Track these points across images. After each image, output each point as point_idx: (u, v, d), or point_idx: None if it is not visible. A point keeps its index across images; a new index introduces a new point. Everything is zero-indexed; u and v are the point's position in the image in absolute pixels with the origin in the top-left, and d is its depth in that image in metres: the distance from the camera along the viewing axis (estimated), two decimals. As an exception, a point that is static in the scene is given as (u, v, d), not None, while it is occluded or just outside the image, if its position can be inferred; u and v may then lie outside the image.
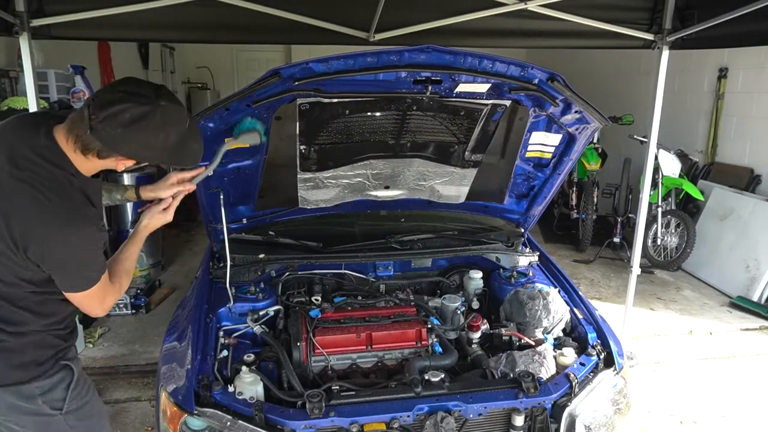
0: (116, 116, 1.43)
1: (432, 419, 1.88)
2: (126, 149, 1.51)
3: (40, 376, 1.66)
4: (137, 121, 1.45)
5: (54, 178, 1.50)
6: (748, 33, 3.12)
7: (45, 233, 1.48)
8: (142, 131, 1.47)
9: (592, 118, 2.31)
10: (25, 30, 2.81)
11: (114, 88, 1.51)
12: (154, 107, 1.46)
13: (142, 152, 1.53)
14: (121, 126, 1.44)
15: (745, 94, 5.86)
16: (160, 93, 1.50)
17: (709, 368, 3.99)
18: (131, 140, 1.48)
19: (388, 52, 1.89)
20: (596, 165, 6.42)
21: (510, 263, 2.92)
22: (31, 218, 1.47)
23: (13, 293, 1.58)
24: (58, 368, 1.70)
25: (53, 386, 1.69)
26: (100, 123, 1.43)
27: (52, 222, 1.48)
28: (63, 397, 1.71)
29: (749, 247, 5.28)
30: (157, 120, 1.47)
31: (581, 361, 2.18)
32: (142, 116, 1.45)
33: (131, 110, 1.44)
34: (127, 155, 1.53)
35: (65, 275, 1.57)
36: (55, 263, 1.54)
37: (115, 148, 1.50)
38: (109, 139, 1.46)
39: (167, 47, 8.65)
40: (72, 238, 1.51)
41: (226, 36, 3.34)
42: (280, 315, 2.46)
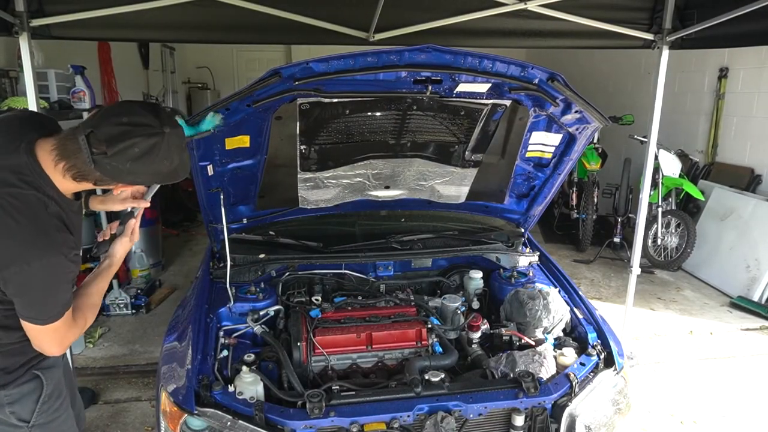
0: (125, 152, 1.39)
1: (432, 419, 1.88)
2: (131, 179, 1.49)
3: (8, 385, 1.61)
4: (147, 155, 1.42)
5: (27, 200, 1.42)
6: (748, 33, 3.12)
7: (7, 256, 1.40)
8: (151, 163, 1.44)
9: (592, 118, 2.31)
10: (25, 30, 2.81)
11: (114, 119, 1.42)
12: (161, 137, 1.43)
13: (146, 180, 1.53)
14: (131, 160, 1.41)
15: (745, 94, 5.86)
16: (161, 118, 1.45)
17: (709, 368, 3.99)
18: (139, 172, 1.45)
19: (388, 52, 1.89)
20: (596, 165, 6.42)
21: (510, 263, 2.92)
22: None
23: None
24: (28, 377, 1.65)
25: (22, 396, 1.64)
26: (107, 158, 1.39)
27: (15, 246, 1.40)
28: (32, 410, 1.66)
29: (749, 247, 5.28)
30: (164, 149, 1.44)
31: (581, 361, 2.18)
32: (150, 149, 1.42)
33: (140, 144, 1.40)
34: (131, 183, 1.53)
35: (23, 303, 1.47)
36: (15, 289, 1.44)
37: (120, 179, 1.47)
38: (115, 172, 1.43)
39: (167, 47, 8.65)
40: (35, 265, 1.41)
41: (226, 36, 3.33)
42: (281, 315, 2.46)
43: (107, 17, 2.93)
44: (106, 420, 3.24)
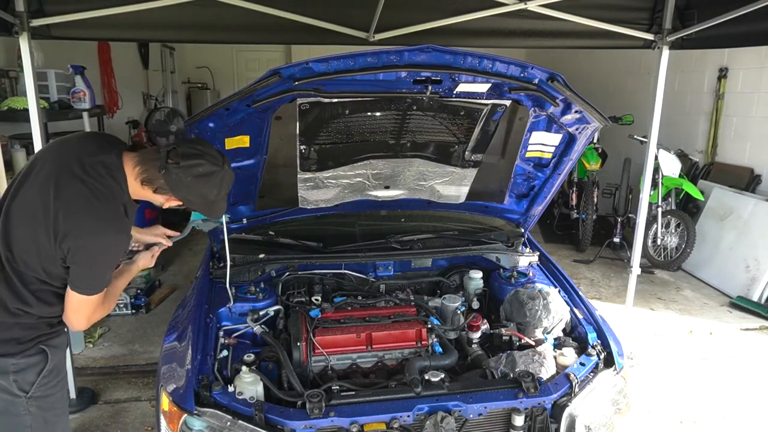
0: (192, 168, 1.74)
1: (432, 419, 1.88)
2: (185, 194, 1.79)
3: (17, 354, 1.76)
4: (205, 177, 1.77)
5: (109, 187, 1.73)
6: (748, 33, 3.12)
7: (85, 228, 1.67)
8: (204, 185, 1.79)
9: (592, 118, 2.31)
10: (25, 30, 2.80)
11: (195, 145, 1.81)
12: (220, 169, 1.80)
13: (194, 199, 1.83)
14: (192, 176, 1.75)
15: (745, 94, 5.86)
16: (224, 159, 1.83)
17: (709, 368, 3.99)
18: (194, 189, 1.78)
19: (388, 52, 1.89)
20: (596, 165, 6.42)
21: (510, 263, 2.92)
22: (78, 213, 1.67)
23: (28, 276, 1.72)
24: (35, 351, 1.79)
25: (28, 367, 1.78)
26: (178, 169, 1.73)
27: (94, 221, 1.68)
28: (32, 381, 1.80)
29: (749, 247, 5.28)
30: (218, 180, 1.80)
31: (581, 361, 2.18)
32: (210, 174, 1.77)
33: (204, 167, 1.76)
34: (181, 198, 1.81)
35: (81, 272, 1.73)
36: (80, 257, 1.69)
37: (176, 190, 1.78)
38: (177, 182, 1.75)
39: (167, 47, 8.64)
40: (106, 239, 1.71)
41: (226, 36, 3.33)
42: (280, 315, 2.46)
43: (107, 17, 2.92)
44: (106, 420, 3.24)
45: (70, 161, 1.72)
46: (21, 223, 1.70)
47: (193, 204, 1.86)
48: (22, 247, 1.71)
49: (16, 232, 1.70)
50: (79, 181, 1.69)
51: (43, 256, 1.70)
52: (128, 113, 6.87)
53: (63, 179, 1.69)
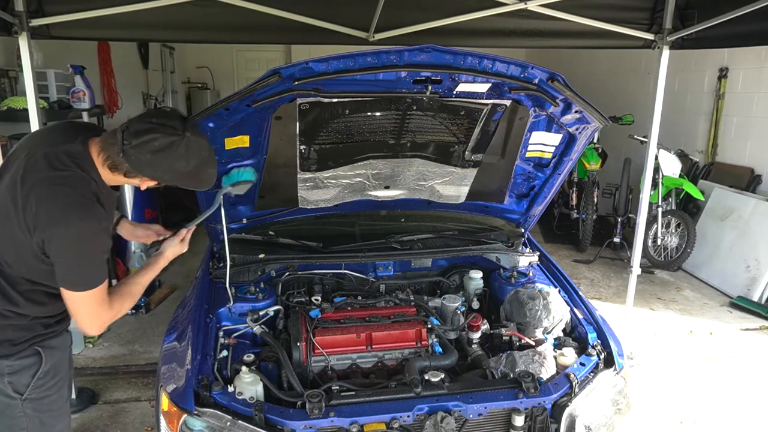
0: (147, 144, 1.64)
1: (432, 419, 1.88)
2: (151, 172, 1.70)
3: (11, 356, 1.73)
4: (164, 150, 1.65)
5: (76, 177, 1.65)
6: (748, 33, 3.12)
7: (52, 218, 1.60)
8: (167, 158, 1.67)
9: (592, 117, 2.31)
10: (25, 30, 2.80)
11: (146, 118, 1.71)
12: (180, 138, 1.67)
13: (164, 176, 1.72)
14: (150, 152, 1.64)
15: (745, 94, 5.86)
16: (186, 125, 1.71)
17: (709, 368, 3.99)
18: (157, 165, 1.68)
19: (388, 52, 1.89)
20: (596, 165, 6.42)
21: (510, 263, 2.92)
22: (43, 204, 1.60)
23: (14, 277, 1.70)
24: (30, 352, 1.77)
25: (22, 369, 1.76)
26: (132, 149, 1.64)
27: (59, 210, 1.61)
28: (27, 383, 1.77)
29: (749, 247, 5.28)
30: (182, 150, 1.67)
31: (581, 361, 2.18)
32: (168, 145, 1.65)
33: (160, 140, 1.64)
34: (150, 177, 1.72)
35: (62, 266, 1.66)
36: (55, 249, 1.63)
37: (141, 170, 1.69)
38: (138, 162, 1.66)
39: (167, 47, 8.65)
40: (76, 227, 1.62)
41: (226, 36, 3.33)
42: (280, 315, 2.46)
43: (107, 17, 2.92)
44: (106, 420, 3.24)
45: (36, 153, 1.68)
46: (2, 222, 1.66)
47: (167, 180, 1.75)
48: (2, 247, 1.68)
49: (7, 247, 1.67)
50: (44, 172, 1.64)
51: (23, 253, 1.66)
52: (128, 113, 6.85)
53: (29, 172, 1.65)
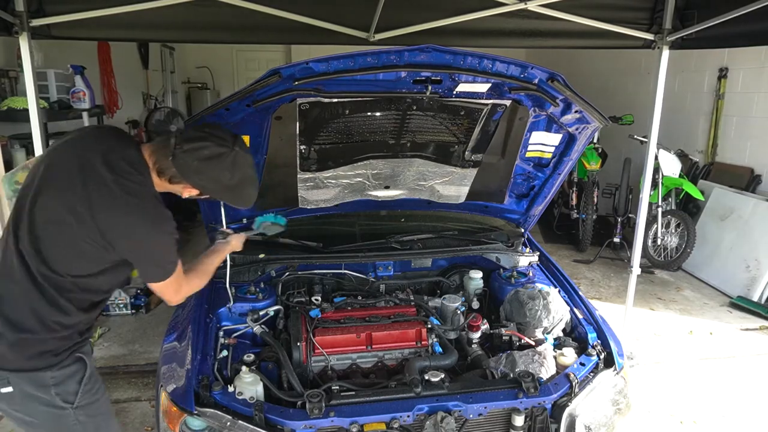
0: (197, 150, 1.69)
1: (432, 419, 1.88)
2: (196, 180, 1.74)
3: (54, 366, 1.70)
4: (212, 159, 1.71)
5: (142, 183, 1.70)
6: (749, 33, 3.12)
7: (132, 226, 1.66)
8: (213, 168, 1.72)
9: (592, 117, 2.31)
10: (25, 30, 2.80)
11: (201, 128, 1.79)
12: (229, 150, 1.73)
13: (208, 185, 1.76)
14: (198, 159, 1.70)
15: (745, 94, 5.86)
16: (236, 141, 1.77)
17: (709, 368, 3.99)
18: (203, 173, 1.72)
19: (388, 52, 1.89)
20: (596, 165, 6.42)
21: (510, 263, 2.92)
22: (119, 213, 1.64)
23: (66, 284, 1.67)
24: (72, 360, 1.75)
25: (66, 378, 1.73)
26: (183, 153, 1.68)
27: (141, 219, 1.67)
28: (75, 391, 1.75)
29: (749, 247, 5.28)
30: (228, 162, 1.73)
31: (581, 361, 2.18)
32: (217, 155, 1.71)
33: (210, 148, 1.71)
34: (194, 185, 1.76)
35: (147, 266, 1.75)
36: (140, 255, 1.72)
37: (187, 176, 1.72)
38: (185, 168, 1.70)
39: (167, 47, 8.64)
40: (156, 233, 1.70)
41: (226, 36, 3.33)
42: (280, 315, 2.46)
43: (107, 17, 2.92)
44: (106, 420, 3.24)
45: (93, 160, 1.65)
46: (53, 232, 1.64)
47: (210, 190, 1.79)
48: (58, 256, 1.65)
49: (48, 242, 1.64)
50: (110, 180, 1.63)
51: (85, 262, 1.67)
52: (128, 113, 6.87)
53: (91, 181, 1.63)
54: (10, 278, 1.66)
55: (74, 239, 1.63)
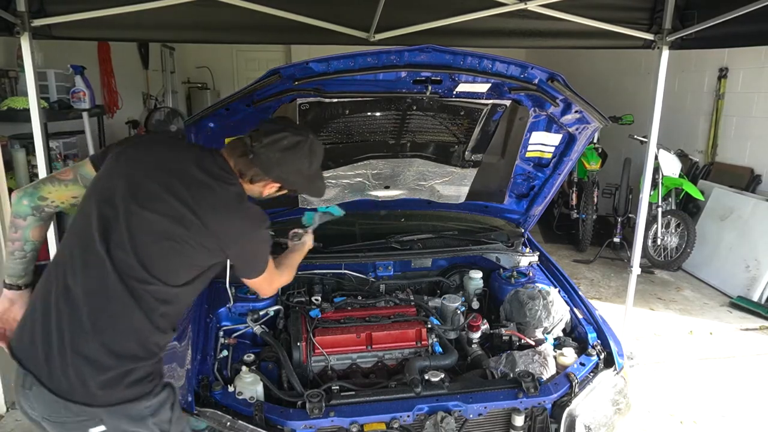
0: (277, 142, 1.68)
1: (432, 419, 1.88)
2: (278, 172, 1.72)
3: (149, 393, 1.57)
4: (292, 148, 1.70)
5: (237, 184, 1.69)
6: (748, 33, 3.12)
7: (242, 229, 1.66)
8: (294, 157, 1.71)
9: (592, 117, 2.31)
10: (26, 30, 2.80)
11: (274, 122, 1.82)
12: (305, 138, 1.73)
13: (290, 176, 1.75)
14: (279, 150, 1.68)
15: (745, 94, 5.86)
16: (308, 129, 1.78)
17: (709, 368, 3.99)
18: (284, 164, 1.71)
19: (388, 52, 1.90)
20: (596, 165, 6.42)
21: (510, 263, 2.92)
22: (233, 217, 1.64)
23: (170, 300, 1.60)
24: (162, 385, 1.63)
25: (160, 406, 1.61)
26: (263, 148, 1.67)
27: (247, 222, 1.68)
28: (169, 419, 1.63)
29: (749, 247, 5.28)
30: (306, 149, 1.73)
31: (581, 361, 2.18)
32: (296, 144, 1.70)
33: (289, 138, 1.69)
34: (277, 178, 1.74)
35: (248, 265, 1.78)
36: (245, 256, 1.74)
37: (270, 171, 1.70)
38: (267, 162, 1.68)
39: (167, 47, 8.64)
40: (259, 233, 1.72)
41: (226, 36, 3.33)
42: (280, 315, 2.46)
43: (107, 17, 2.92)
44: (106, 420, 3.24)
45: (187, 167, 1.61)
46: (162, 243, 1.56)
47: (291, 182, 1.78)
48: (169, 267, 1.58)
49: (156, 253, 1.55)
50: (215, 186, 1.62)
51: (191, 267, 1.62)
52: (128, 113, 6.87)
53: (195, 188, 1.59)
54: (105, 296, 1.52)
55: (184, 247, 1.57)
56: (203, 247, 1.60)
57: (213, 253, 1.64)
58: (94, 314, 1.50)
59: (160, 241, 1.56)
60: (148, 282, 1.54)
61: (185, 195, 1.58)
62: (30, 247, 1.73)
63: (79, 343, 1.48)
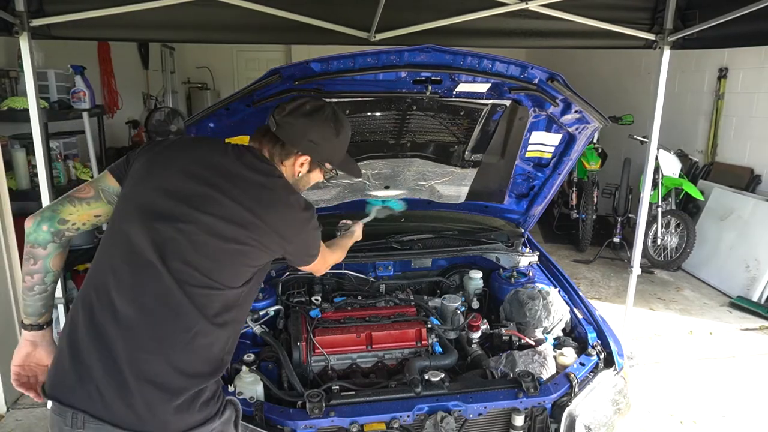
0: (298, 108, 1.65)
1: (432, 419, 1.88)
2: (305, 143, 1.65)
3: (216, 414, 1.48)
4: (315, 112, 1.65)
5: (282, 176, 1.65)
6: (749, 33, 3.12)
7: (301, 221, 1.64)
8: (319, 120, 1.65)
9: (592, 117, 2.31)
10: (25, 30, 2.80)
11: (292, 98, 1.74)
12: (327, 104, 1.70)
13: (319, 144, 1.67)
14: (302, 116, 1.64)
15: (745, 94, 5.86)
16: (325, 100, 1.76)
17: (709, 368, 3.99)
18: (310, 131, 1.65)
19: (388, 52, 1.90)
20: (596, 165, 6.42)
21: (510, 263, 2.92)
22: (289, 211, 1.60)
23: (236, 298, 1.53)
24: (225, 403, 1.54)
25: (225, 425, 1.51)
26: (285, 117, 1.63)
27: (303, 212, 1.64)
28: None
29: (749, 247, 5.28)
30: (330, 112, 1.68)
31: (581, 361, 2.18)
32: (318, 108, 1.67)
33: (310, 103, 1.67)
34: (305, 149, 1.67)
35: (305, 253, 1.74)
36: (303, 244, 1.70)
37: (297, 143, 1.65)
38: (293, 133, 1.64)
39: (167, 47, 8.64)
40: (314, 222, 1.69)
41: (226, 36, 3.33)
42: (280, 315, 2.46)
43: (107, 17, 2.92)
44: (106, 420, 3.24)
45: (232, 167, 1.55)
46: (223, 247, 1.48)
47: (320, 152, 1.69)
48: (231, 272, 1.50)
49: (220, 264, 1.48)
50: (266, 183, 1.57)
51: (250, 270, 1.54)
52: (128, 113, 6.87)
53: (248, 188, 1.53)
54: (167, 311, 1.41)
55: (245, 248, 1.50)
56: (264, 247, 1.54)
57: (273, 252, 1.59)
58: (157, 333, 1.40)
59: (220, 245, 1.47)
60: (211, 287, 1.45)
61: (239, 195, 1.51)
62: (51, 278, 1.55)
63: (143, 368, 1.36)
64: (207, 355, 1.46)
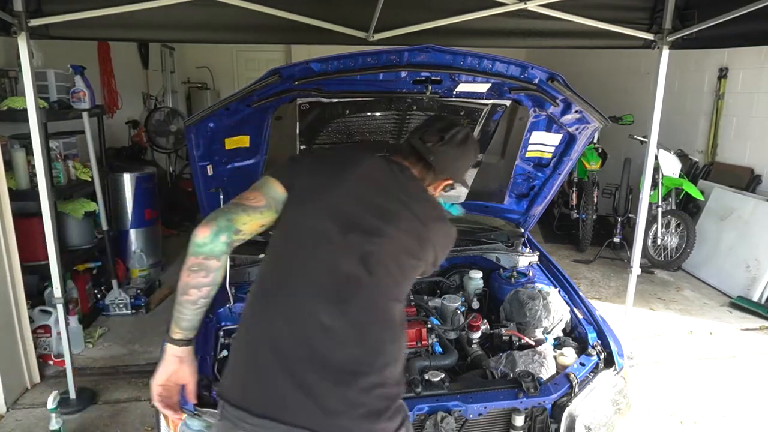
0: (453, 137, 1.68)
1: (432, 419, 1.88)
2: (454, 169, 1.72)
3: (402, 425, 1.43)
4: (465, 141, 1.72)
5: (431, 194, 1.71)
6: (749, 33, 3.12)
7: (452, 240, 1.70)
8: (467, 149, 1.73)
9: (592, 117, 2.31)
10: (24, 30, 2.80)
11: (435, 119, 1.79)
12: (468, 129, 1.75)
13: (460, 170, 1.76)
14: (456, 145, 1.68)
15: (745, 94, 5.86)
16: None
17: (709, 368, 3.99)
18: (461, 158, 1.72)
19: (388, 52, 1.90)
20: (596, 165, 6.42)
21: (510, 263, 2.92)
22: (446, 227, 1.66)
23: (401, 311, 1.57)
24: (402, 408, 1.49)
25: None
26: (442, 146, 1.66)
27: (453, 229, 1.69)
28: None
29: (749, 247, 5.28)
30: (472, 140, 1.76)
31: (581, 361, 2.18)
32: (467, 136, 1.73)
33: (461, 132, 1.70)
34: (452, 174, 1.73)
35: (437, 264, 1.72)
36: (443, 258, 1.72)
37: (447, 168, 1.70)
38: (446, 160, 1.67)
39: (167, 47, 8.64)
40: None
41: (226, 36, 3.33)
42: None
43: (106, 17, 2.92)
44: (106, 420, 3.24)
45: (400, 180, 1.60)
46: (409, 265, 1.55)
47: (460, 175, 1.78)
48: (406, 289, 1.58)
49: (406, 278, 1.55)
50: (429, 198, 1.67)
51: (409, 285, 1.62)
52: (128, 113, 6.87)
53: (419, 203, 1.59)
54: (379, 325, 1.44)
55: (419, 263, 1.58)
56: (422, 261, 1.58)
57: (425, 267, 1.62)
58: (374, 347, 1.40)
59: (408, 260, 1.54)
60: (400, 301, 1.53)
61: (417, 210, 1.56)
62: (215, 292, 1.47)
63: (362, 383, 1.35)
64: (402, 362, 1.51)
